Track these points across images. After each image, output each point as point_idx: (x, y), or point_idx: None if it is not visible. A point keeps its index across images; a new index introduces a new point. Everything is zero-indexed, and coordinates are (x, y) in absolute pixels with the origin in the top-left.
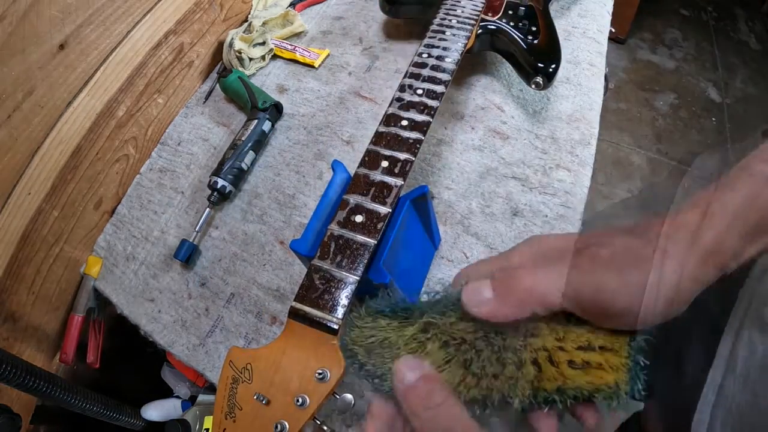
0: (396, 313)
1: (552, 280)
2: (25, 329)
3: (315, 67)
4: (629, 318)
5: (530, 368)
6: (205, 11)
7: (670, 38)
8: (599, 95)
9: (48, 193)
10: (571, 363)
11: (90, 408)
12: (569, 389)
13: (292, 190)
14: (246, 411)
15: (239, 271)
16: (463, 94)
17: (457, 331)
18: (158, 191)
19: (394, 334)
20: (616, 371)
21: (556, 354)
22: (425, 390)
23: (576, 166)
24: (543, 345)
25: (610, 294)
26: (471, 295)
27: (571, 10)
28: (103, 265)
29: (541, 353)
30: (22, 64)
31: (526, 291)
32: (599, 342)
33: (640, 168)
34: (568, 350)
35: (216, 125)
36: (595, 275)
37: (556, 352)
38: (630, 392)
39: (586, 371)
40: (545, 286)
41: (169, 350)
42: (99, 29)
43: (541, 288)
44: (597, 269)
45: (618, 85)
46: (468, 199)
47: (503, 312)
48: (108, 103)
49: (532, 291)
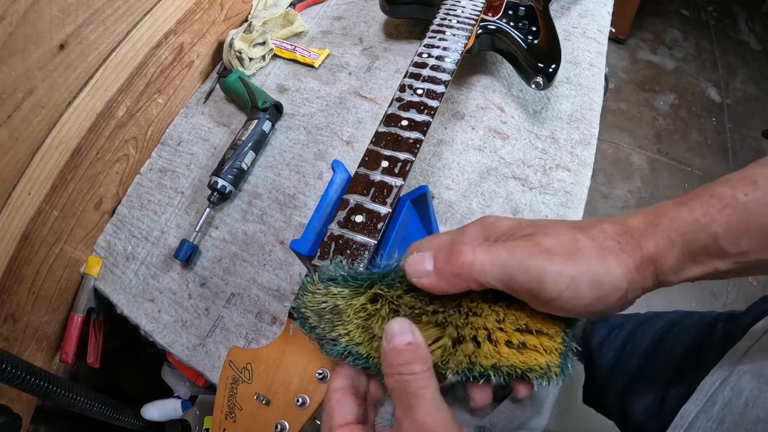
0: (347, 281)
1: (489, 260)
2: (25, 329)
3: (315, 67)
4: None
5: (469, 344)
6: (205, 11)
7: (670, 38)
8: (599, 95)
9: (48, 193)
10: (509, 343)
11: (90, 408)
12: (504, 366)
13: (292, 190)
14: (246, 411)
15: (239, 271)
16: (463, 94)
17: (403, 303)
18: (158, 191)
19: (344, 303)
20: (549, 354)
21: (495, 334)
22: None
23: (576, 166)
24: (484, 324)
25: (541, 281)
26: (413, 266)
27: (571, 10)
28: (103, 265)
29: (481, 332)
30: (23, 64)
31: (463, 266)
32: (536, 326)
33: (640, 168)
34: (507, 331)
35: (216, 125)
36: (531, 261)
37: (496, 332)
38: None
39: (522, 352)
40: (482, 264)
41: (169, 350)
42: (99, 29)
43: (477, 266)
44: (535, 256)
45: (618, 85)
46: (468, 199)
47: (441, 285)
48: (108, 103)
49: (470, 267)
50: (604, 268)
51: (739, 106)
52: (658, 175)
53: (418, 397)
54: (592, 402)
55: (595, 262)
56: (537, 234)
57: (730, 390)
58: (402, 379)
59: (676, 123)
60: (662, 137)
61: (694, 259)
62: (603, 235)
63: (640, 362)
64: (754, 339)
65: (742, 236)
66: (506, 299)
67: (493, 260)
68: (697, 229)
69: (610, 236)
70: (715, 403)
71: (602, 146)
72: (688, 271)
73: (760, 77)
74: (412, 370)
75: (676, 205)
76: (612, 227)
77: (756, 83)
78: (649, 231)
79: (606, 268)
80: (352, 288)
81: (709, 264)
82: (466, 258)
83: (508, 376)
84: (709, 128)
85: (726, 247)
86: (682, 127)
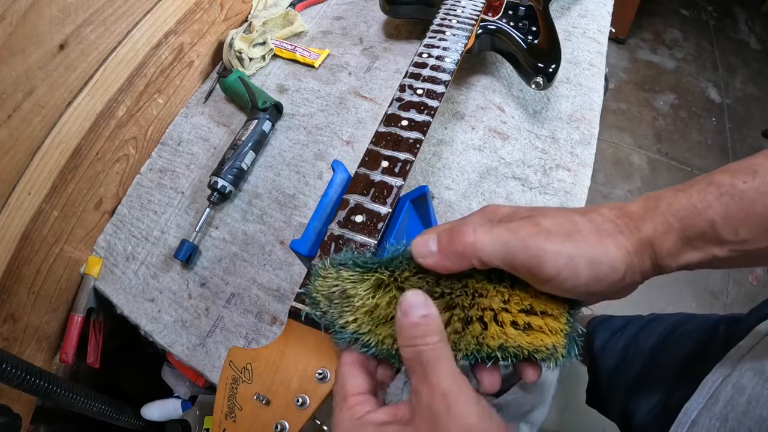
0: (357, 265)
1: (490, 239)
2: (25, 329)
3: (315, 67)
4: (557, 284)
5: (477, 325)
6: (205, 11)
7: (670, 38)
8: (599, 95)
9: (48, 193)
10: (514, 324)
11: (90, 408)
12: (510, 347)
13: (292, 190)
14: (246, 411)
15: (239, 271)
16: (463, 94)
17: (409, 286)
18: (158, 191)
19: (353, 287)
20: (554, 335)
21: (501, 315)
22: (424, 329)
23: (576, 166)
24: (490, 305)
25: (540, 259)
26: (419, 247)
27: (571, 10)
28: (103, 265)
29: (488, 313)
30: (23, 64)
31: (465, 245)
32: (541, 307)
33: (640, 168)
34: (513, 312)
35: (216, 125)
36: (530, 240)
37: (501, 313)
38: (566, 355)
39: (528, 333)
40: (483, 243)
41: (169, 350)
42: (99, 29)
43: (479, 245)
44: (534, 235)
45: (618, 85)
46: (468, 198)
47: (445, 264)
48: (108, 103)
49: (472, 246)
50: (601, 248)
51: (739, 106)
52: (658, 175)
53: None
54: (595, 404)
55: (593, 242)
56: (536, 216)
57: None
58: (418, 350)
59: (676, 123)
60: (662, 137)
61: (691, 244)
62: (601, 218)
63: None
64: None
65: (740, 224)
66: (510, 280)
67: (493, 239)
68: (694, 214)
69: (608, 219)
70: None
71: (602, 146)
72: (686, 256)
73: (760, 77)
74: (427, 342)
75: (674, 192)
76: (611, 212)
77: (756, 83)
78: (647, 215)
79: (604, 249)
80: (361, 272)
81: (706, 250)
82: (468, 237)
83: (515, 357)
84: (709, 128)
85: (724, 234)
86: (682, 127)
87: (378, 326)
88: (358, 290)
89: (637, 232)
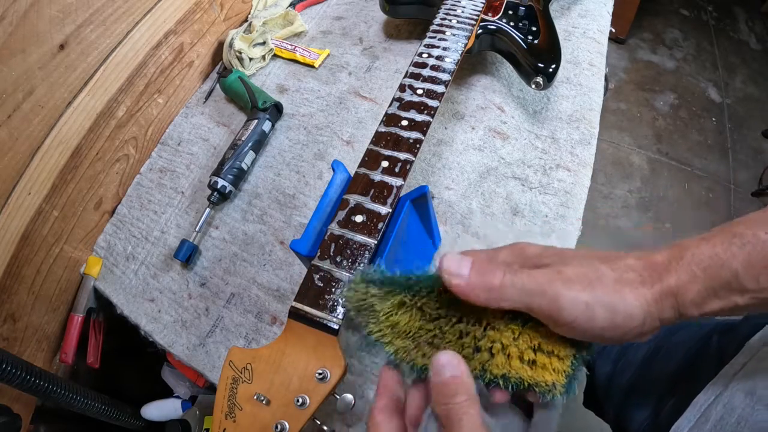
0: (384, 284)
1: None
2: (25, 329)
3: (315, 67)
4: (574, 328)
5: (485, 354)
6: (205, 11)
7: (670, 38)
8: (599, 95)
9: (48, 193)
10: (521, 358)
11: (90, 408)
12: (512, 378)
13: (292, 190)
14: (246, 411)
15: (239, 271)
16: (463, 94)
17: (428, 310)
18: (158, 191)
19: (378, 304)
20: (556, 374)
21: (509, 349)
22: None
23: (576, 166)
24: (500, 339)
25: (559, 306)
26: (450, 263)
27: (571, 10)
28: (103, 265)
29: (496, 345)
30: (23, 64)
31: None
32: (549, 347)
33: (640, 168)
34: (521, 347)
35: (216, 125)
36: (551, 287)
37: (510, 347)
38: (564, 394)
39: (532, 367)
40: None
41: (169, 350)
42: (99, 29)
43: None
44: (556, 283)
45: (618, 85)
46: (468, 198)
47: (470, 295)
48: (108, 103)
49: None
50: (619, 297)
51: (739, 106)
52: (658, 175)
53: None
54: (591, 406)
55: (611, 290)
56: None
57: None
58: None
59: (676, 123)
60: (662, 137)
61: (716, 293)
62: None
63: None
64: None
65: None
66: (524, 318)
67: (514, 284)
68: (718, 264)
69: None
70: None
71: (602, 146)
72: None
73: (760, 77)
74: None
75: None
76: (638, 262)
77: (756, 83)
78: (672, 265)
79: (621, 298)
80: (386, 291)
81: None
82: (497, 276)
83: (516, 386)
84: (709, 128)
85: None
86: (682, 127)
87: (398, 338)
88: (383, 307)
89: (660, 283)
